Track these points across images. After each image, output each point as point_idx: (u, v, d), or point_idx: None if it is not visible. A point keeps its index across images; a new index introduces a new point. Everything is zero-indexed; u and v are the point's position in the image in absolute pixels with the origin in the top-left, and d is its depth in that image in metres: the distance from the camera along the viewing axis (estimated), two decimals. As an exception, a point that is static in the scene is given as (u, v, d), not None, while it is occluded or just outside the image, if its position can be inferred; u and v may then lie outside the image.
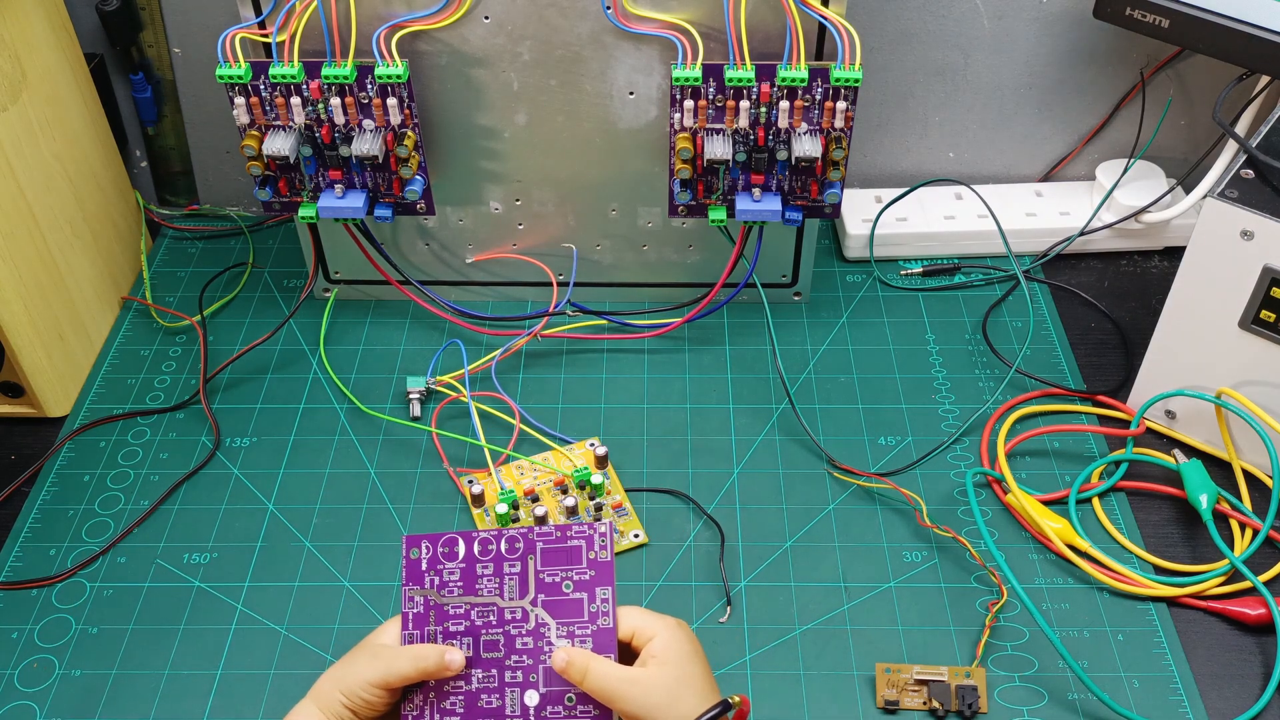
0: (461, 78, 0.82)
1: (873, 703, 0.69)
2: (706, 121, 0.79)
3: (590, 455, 0.83)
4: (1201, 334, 0.78)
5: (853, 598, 0.75)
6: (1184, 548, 0.78)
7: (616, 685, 0.57)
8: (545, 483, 0.81)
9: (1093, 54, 0.97)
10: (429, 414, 0.86)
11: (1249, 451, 0.80)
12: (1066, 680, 0.70)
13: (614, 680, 0.57)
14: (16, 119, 0.82)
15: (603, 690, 0.57)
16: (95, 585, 0.76)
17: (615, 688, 0.57)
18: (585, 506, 0.80)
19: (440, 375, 0.87)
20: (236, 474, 0.83)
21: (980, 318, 0.94)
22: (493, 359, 0.88)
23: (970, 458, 0.83)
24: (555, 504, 0.80)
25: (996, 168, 1.05)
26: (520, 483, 0.81)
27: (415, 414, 0.86)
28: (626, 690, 0.56)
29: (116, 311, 0.96)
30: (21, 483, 0.83)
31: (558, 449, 0.83)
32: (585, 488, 0.80)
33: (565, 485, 0.81)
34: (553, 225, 0.90)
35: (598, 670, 0.57)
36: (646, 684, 0.57)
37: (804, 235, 0.91)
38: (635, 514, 0.80)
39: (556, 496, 0.80)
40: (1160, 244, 0.99)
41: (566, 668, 0.57)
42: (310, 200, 0.84)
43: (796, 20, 0.75)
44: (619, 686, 0.57)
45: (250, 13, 0.79)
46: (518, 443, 0.84)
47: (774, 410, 0.87)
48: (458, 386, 0.86)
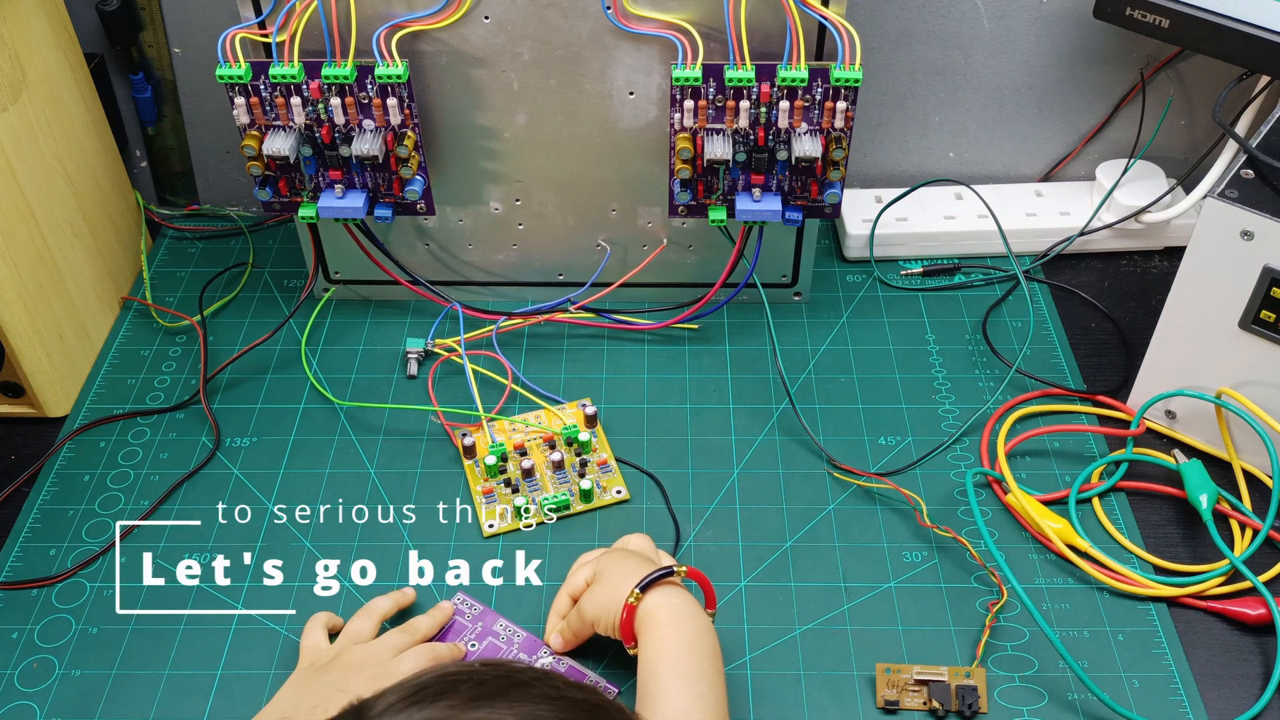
0: (461, 78, 0.82)
1: (873, 703, 0.69)
2: (706, 121, 0.79)
3: (580, 414, 0.85)
4: (1201, 334, 0.78)
5: (853, 598, 0.75)
6: (1184, 548, 0.78)
7: (574, 618, 0.69)
8: (535, 439, 0.83)
9: (1093, 54, 0.97)
10: (425, 372, 0.88)
11: (1249, 451, 0.80)
12: (1066, 680, 0.70)
13: (572, 616, 0.70)
14: (16, 119, 0.82)
15: (573, 629, 0.70)
16: (95, 585, 0.76)
17: (574, 621, 0.70)
18: (571, 463, 0.82)
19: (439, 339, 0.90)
20: (236, 474, 0.83)
21: (980, 318, 0.94)
22: (492, 329, 0.90)
23: (970, 458, 0.83)
24: (543, 459, 0.82)
25: (996, 168, 1.05)
26: (511, 437, 0.83)
27: (412, 373, 0.88)
28: (582, 610, 0.68)
29: (116, 311, 0.96)
30: (21, 483, 0.83)
31: (549, 408, 0.85)
32: (573, 445, 0.83)
33: (554, 441, 0.83)
34: (553, 225, 0.90)
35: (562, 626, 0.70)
36: (589, 597, 0.69)
37: (804, 235, 0.91)
38: (619, 471, 0.82)
39: (544, 451, 0.83)
40: (1160, 244, 0.99)
41: (561, 648, 0.71)
42: (310, 200, 0.84)
43: (796, 20, 0.75)
44: (575, 617, 0.69)
45: (250, 13, 0.79)
46: (517, 406, 0.87)
47: (774, 410, 0.87)
48: (454, 347, 0.89)
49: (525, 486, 0.81)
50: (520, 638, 0.72)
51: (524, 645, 0.72)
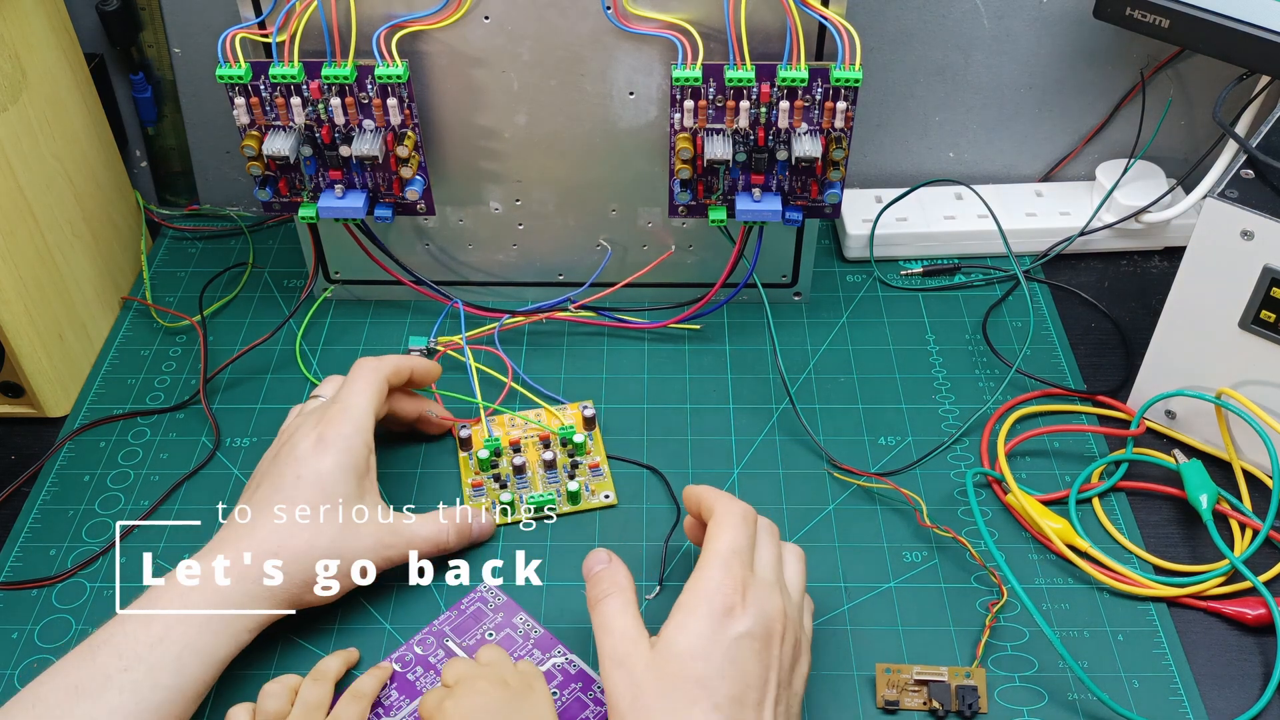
0: (461, 78, 0.82)
1: (873, 703, 0.69)
2: (706, 121, 0.79)
3: (579, 416, 0.85)
4: (1201, 334, 0.78)
5: (853, 598, 0.75)
6: (1184, 548, 0.78)
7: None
8: (532, 436, 0.83)
9: (1093, 54, 0.97)
10: None
11: (1249, 451, 0.80)
12: (1066, 680, 0.70)
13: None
14: (16, 119, 0.82)
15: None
16: (95, 585, 0.76)
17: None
18: (564, 463, 0.82)
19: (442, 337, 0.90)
20: (236, 474, 0.83)
21: (980, 318, 0.94)
22: (494, 327, 0.90)
23: (970, 458, 0.83)
24: (536, 457, 0.82)
25: (996, 168, 1.05)
26: (509, 433, 0.83)
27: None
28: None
29: (116, 311, 0.96)
30: (21, 483, 0.83)
31: (549, 408, 0.85)
32: (567, 445, 0.82)
33: (549, 440, 0.83)
34: (553, 225, 0.90)
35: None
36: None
37: (804, 235, 0.91)
38: (610, 477, 0.82)
39: (538, 450, 0.82)
40: (1160, 244, 0.99)
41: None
42: (310, 200, 0.84)
43: (796, 20, 0.75)
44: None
45: (250, 13, 0.79)
46: (518, 403, 0.87)
47: (774, 410, 0.87)
48: (458, 343, 0.88)
49: (514, 483, 0.81)
50: (537, 633, 0.72)
51: (539, 642, 0.72)
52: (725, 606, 0.59)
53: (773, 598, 0.61)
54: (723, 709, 0.57)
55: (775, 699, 0.59)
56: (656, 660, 0.59)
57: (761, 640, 0.59)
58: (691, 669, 0.58)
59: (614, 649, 0.60)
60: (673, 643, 0.59)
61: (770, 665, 0.59)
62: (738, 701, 0.57)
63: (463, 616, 0.73)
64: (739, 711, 0.57)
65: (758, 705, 0.58)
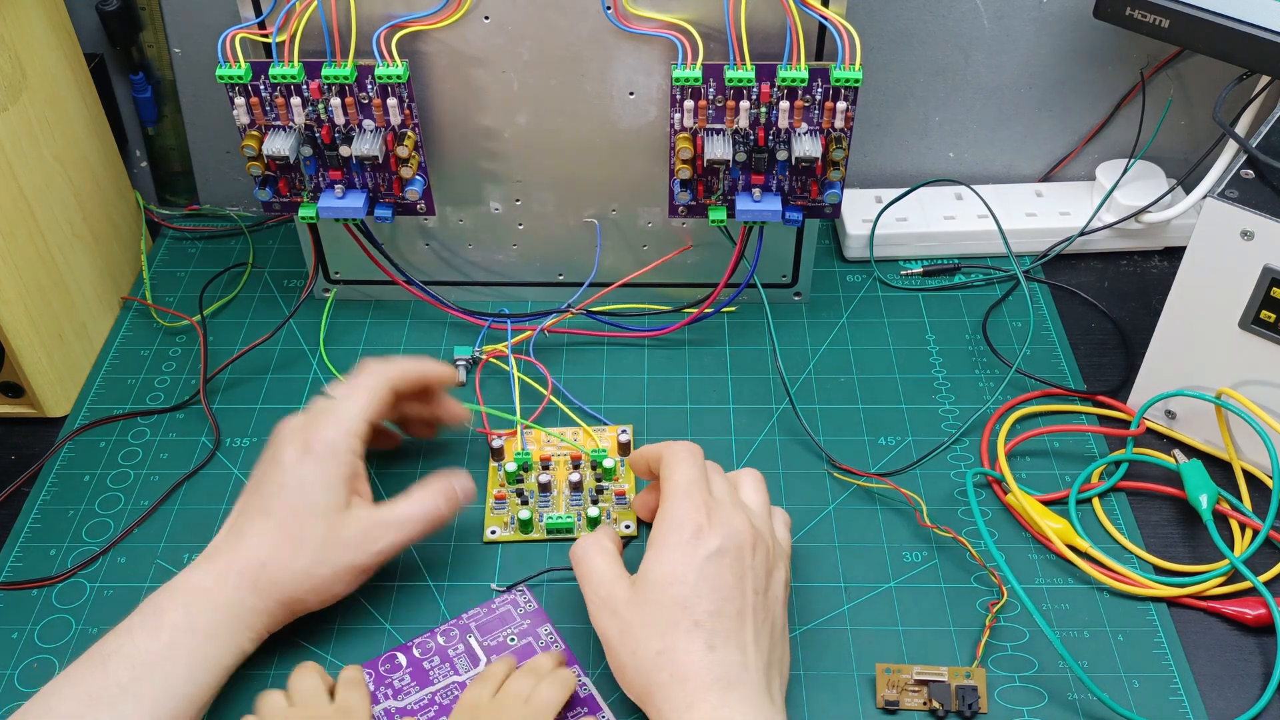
0: (461, 78, 0.82)
1: (873, 703, 0.69)
2: (706, 122, 0.79)
3: (615, 440, 0.83)
4: (1201, 334, 0.78)
5: (853, 598, 0.75)
6: (1184, 548, 0.78)
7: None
8: (565, 455, 0.82)
9: (1093, 54, 0.97)
10: (472, 377, 0.88)
11: (1249, 451, 0.80)
12: (1066, 680, 0.70)
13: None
14: (16, 119, 0.82)
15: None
16: (95, 585, 0.76)
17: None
18: (590, 487, 0.80)
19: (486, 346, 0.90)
20: (236, 474, 0.83)
21: (980, 318, 0.94)
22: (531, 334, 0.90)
23: (970, 458, 0.83)
24: (564, 476, 0.81)
25: (996, 168, 1.05)
26: (543, 449, 0.82)
27: (461, 379, 0.85)
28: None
29: (116, 311, 0.96)
30: (21, 483, 0.83)
31: (586, 428, 0.84)
32: (597, 469, 0.81)
33: (580, 461, 0.82)
34: (553, 225, 0.90)
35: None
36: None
37: (804, 235, 0.91)
38: None
39: (568, 469, 0.81)
40: (1160, 244, 0.99)
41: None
42: (310, 200, 0.84)
43: (796, 20, 0.75)
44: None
45: (250, 13, 0.79)
46: (557, 418, 0.86)
47: (774, 410, 0.87)
48: (504, 353, 0.89)
49: (537, 500, 0.80)
50: (559, 648, 0.71)
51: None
52: (694, 530, 0.63)
53: (736, 514, 0.65)
54: (703, 624, 0.61)
55: (754, 606, 0.63)
56: (637, 593, 0.63)
57: (732, 555, 0.63)
58: (670, 593, 0.62)
59: (595, 593, 0.65)
60: (649, 573, 0.63)
61: (744, 576, 0.63)
62: (717, 615, 0.61)
63: (491, 615, 0.73)
64: (719, 623, 0.61)
65: (738, 615, 0.62)
